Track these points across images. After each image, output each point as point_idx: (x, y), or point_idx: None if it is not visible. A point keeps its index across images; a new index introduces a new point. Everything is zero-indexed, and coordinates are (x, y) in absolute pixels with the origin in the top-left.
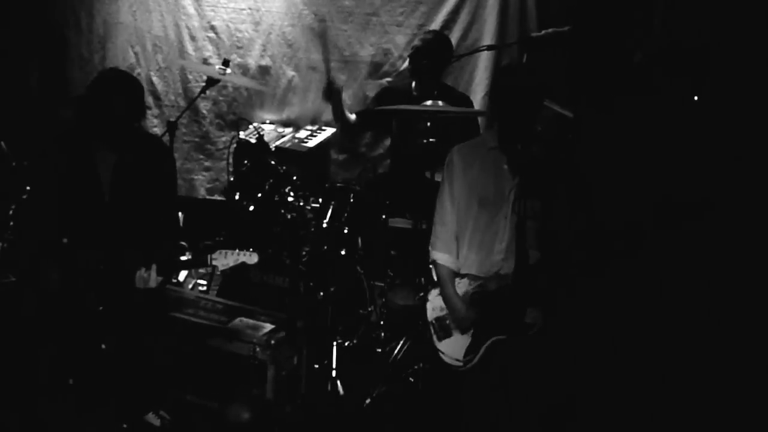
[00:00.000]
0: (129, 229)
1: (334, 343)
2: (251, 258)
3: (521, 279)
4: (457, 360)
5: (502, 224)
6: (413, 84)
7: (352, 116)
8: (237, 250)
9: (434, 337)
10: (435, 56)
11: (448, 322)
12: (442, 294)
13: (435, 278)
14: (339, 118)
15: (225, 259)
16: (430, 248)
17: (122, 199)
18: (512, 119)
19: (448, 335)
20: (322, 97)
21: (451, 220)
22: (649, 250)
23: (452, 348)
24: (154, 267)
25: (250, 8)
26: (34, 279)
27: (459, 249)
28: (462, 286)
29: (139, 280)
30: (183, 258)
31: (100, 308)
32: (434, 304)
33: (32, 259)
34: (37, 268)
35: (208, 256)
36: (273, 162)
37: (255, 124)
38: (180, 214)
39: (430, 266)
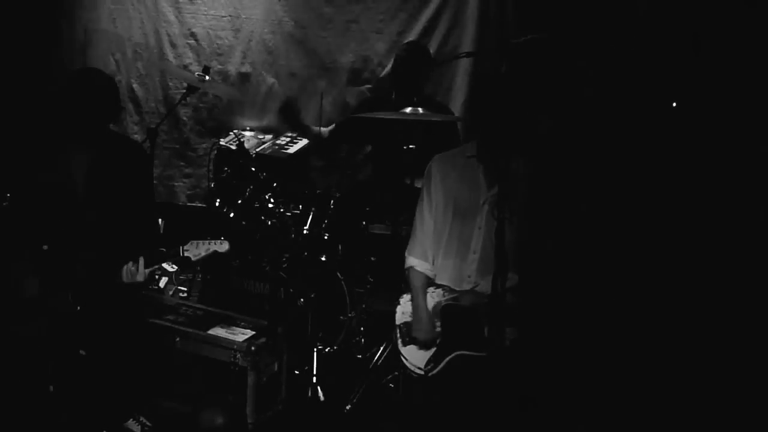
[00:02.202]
0: (104, 229)
1: (315, 350)
2: (222, 246)
3: (497, 294)
4: (418, 368)
5: (476, 234)
6: (393, 94)
7: (325, 130)
8: (208, 240)
9: (399, 342)
10: (416, 67)
11: None
12: (412, 303)
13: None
14: (306, 136)
15: (197, 249)
16: (406, 254)
17: (96, 200)
18: (492, 130)
19: (414, 342)
20: (277, 117)
21: (428, 228)
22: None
23: (415, 355)
24: (141, 260)
25: (230, 15)
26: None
27: (435, 256)
28: (436, 296)
29: (127, 274)
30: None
31: (78, 308)
32: (404, 309)
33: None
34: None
35: (180, 247)
36: (253, 168)
37: (235, 131)
38: (160, 220)
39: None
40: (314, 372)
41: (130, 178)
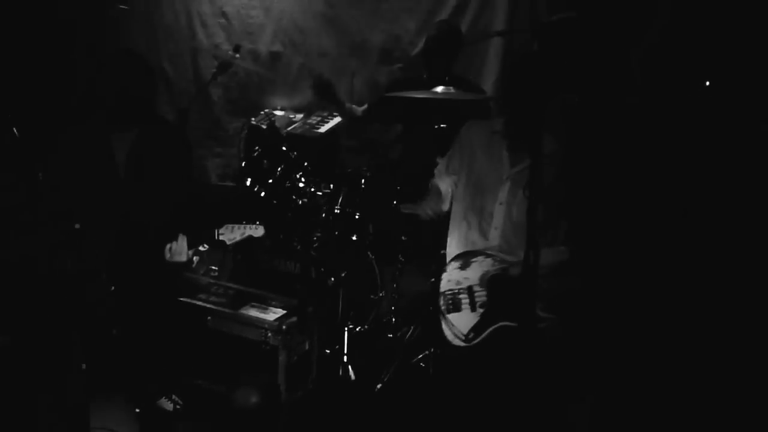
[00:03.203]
0: (144, 210)
1: (345, 329)
2: (257, 231)
3: (527, 269)
4: (460, 335)
5: (497, 209)
6: (424, 73)
7: (359, 109)
8: (243, 224)
9: (443, 309)
10: (447, 46)
11: (460, 296)
12: None
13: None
14: (341, 112)
15: (232, 234)
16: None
17: (138, 180)
18: (523, 109)
19: (458, 309)
20: (312, 94)
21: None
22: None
23: (458, 322)
24: (184, 238)
25: None
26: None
27: (468, 226)
28: (485, 266)
29: (169, 253)
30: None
31: (112, 288)
32: (450, 276)
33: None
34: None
35: (216, 230)
36: (284, 148)
37: (266, 110)
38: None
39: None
40: (345, 351)
41: (170, 160)
